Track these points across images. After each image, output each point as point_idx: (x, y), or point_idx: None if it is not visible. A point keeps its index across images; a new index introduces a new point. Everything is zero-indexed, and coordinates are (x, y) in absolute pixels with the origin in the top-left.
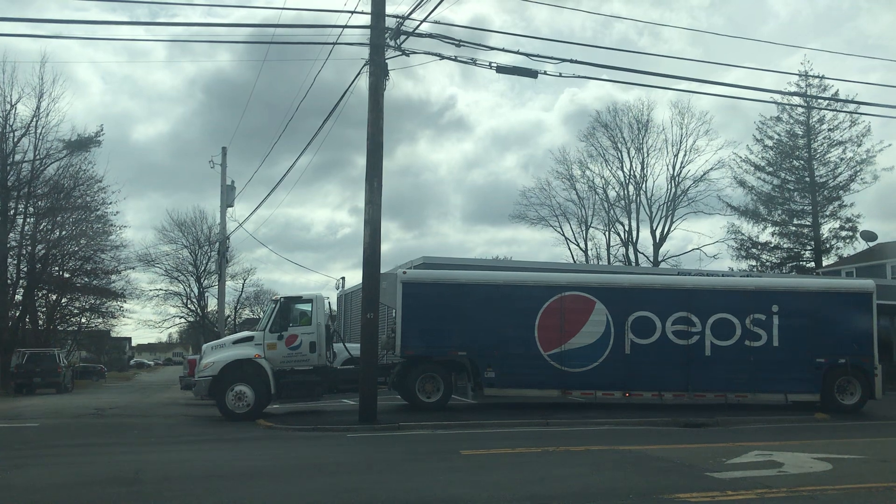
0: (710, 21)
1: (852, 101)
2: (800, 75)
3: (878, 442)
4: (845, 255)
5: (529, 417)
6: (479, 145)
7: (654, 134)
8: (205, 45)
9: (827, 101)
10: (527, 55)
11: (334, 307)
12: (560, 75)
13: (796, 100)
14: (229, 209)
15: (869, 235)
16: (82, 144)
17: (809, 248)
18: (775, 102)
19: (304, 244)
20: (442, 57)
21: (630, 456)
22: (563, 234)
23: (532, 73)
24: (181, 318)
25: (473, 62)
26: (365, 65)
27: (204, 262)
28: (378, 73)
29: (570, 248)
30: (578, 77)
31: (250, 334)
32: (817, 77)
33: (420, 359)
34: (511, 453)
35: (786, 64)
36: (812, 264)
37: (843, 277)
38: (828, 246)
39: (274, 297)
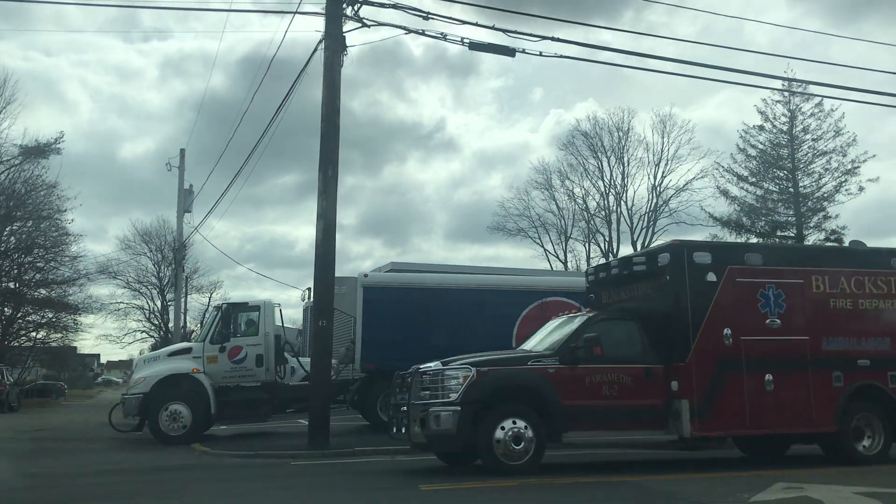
0: (694, 51)
1: (831, 92)
2: (783, 79)
3: None
4: None
5: None
6: (466, 165)
7: (635, 143)
8: (195, 65)
9: (812, 102)
10: (504, 31)
11: (296, 318)
12: (541, 54)
13: (780, 108)
14: (187, 215)
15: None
16: (40, 151)
17: None
18: (758, 110)
19: (285, 261)
20: (408, 31)
21: (628, 491)
22: (543, 246)
23: (509, 52)
24: (143, 332)
25: (444, 37)
26: (321, 41)
27: (167, 274)
28: (335, 46)
29: (549, 262)
30: (560, 57)
31: (188, 346)
32: (801, 83)
33: (383, 373)
34: (481, 488)
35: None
36: None
37: None
38: None
39: (216, 304)
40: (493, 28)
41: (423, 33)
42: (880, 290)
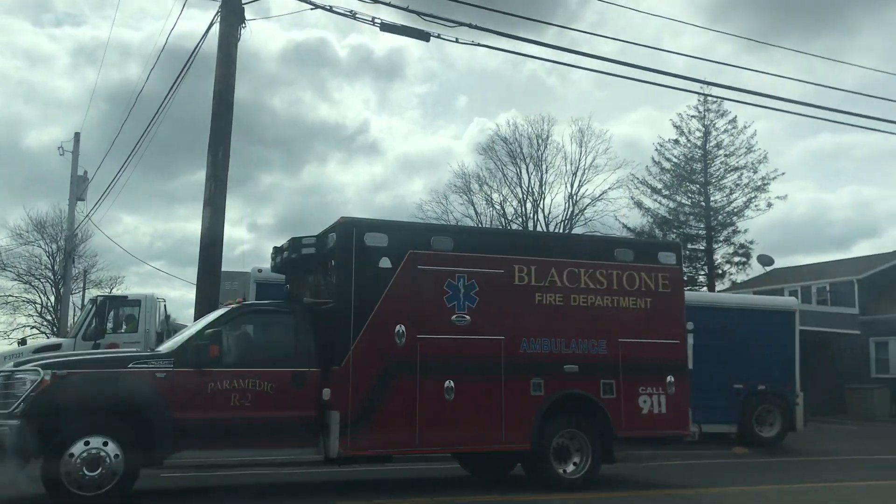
0: (621, 54)
1: (745, 98)
2: (700, 82)
3: (830, 488)
4: (738, 281)
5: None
6: (388, 169)
7: (554, 151)
8: (110, 53)
9: (726, 119)
10: (418, 13)
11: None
12: (457, 41)
13: (695, 123)
14: (81, 204)
15: (766, 260)
16: None
17: (703, 272)
18: (673, 124)
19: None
20: (314, 6)
21: None
22: None
23: (423, 36)
24: (34, 328)
25: (353, 15)
26: (217, 13)
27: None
28: (231, 18)
29: None
30: (478, 45)
31: (58, 342)
32: (717, 86)
33: None
34: None
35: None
36: (705, 289)
37: None
38: (720, 271)
39: (92, 297)
40: (407, 10)
41: (330, 10)
42: (598, 286)
